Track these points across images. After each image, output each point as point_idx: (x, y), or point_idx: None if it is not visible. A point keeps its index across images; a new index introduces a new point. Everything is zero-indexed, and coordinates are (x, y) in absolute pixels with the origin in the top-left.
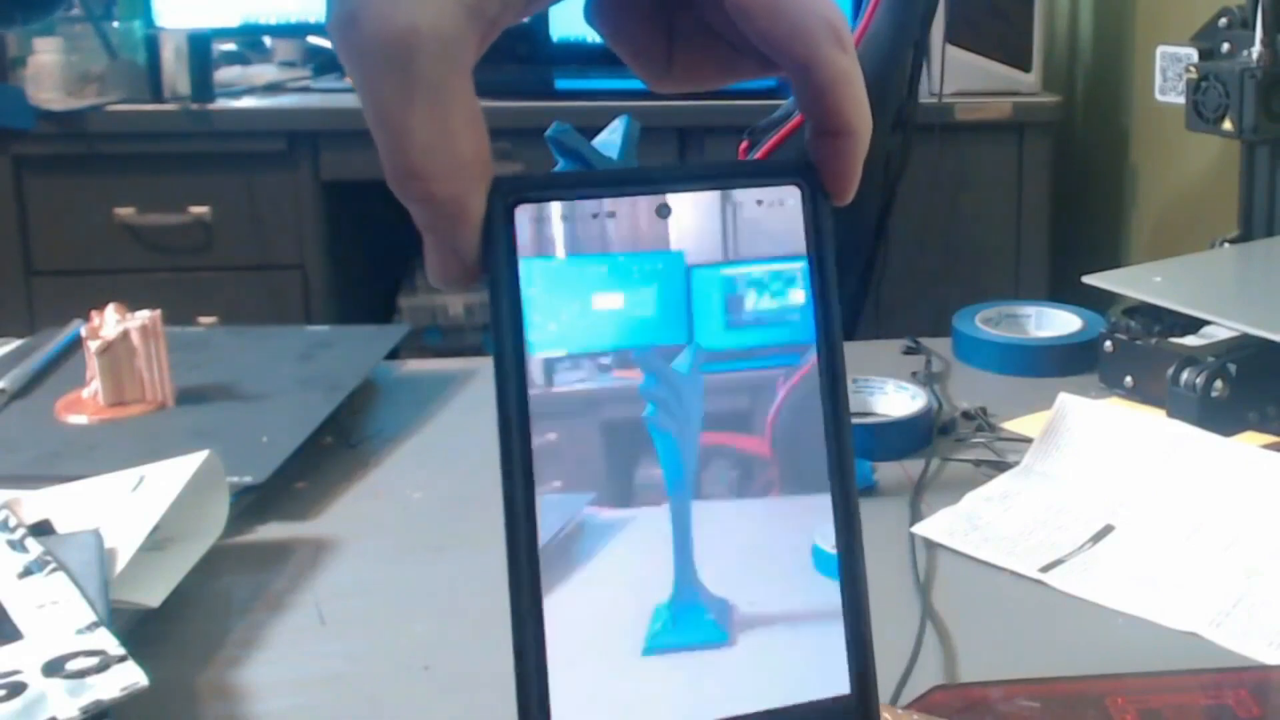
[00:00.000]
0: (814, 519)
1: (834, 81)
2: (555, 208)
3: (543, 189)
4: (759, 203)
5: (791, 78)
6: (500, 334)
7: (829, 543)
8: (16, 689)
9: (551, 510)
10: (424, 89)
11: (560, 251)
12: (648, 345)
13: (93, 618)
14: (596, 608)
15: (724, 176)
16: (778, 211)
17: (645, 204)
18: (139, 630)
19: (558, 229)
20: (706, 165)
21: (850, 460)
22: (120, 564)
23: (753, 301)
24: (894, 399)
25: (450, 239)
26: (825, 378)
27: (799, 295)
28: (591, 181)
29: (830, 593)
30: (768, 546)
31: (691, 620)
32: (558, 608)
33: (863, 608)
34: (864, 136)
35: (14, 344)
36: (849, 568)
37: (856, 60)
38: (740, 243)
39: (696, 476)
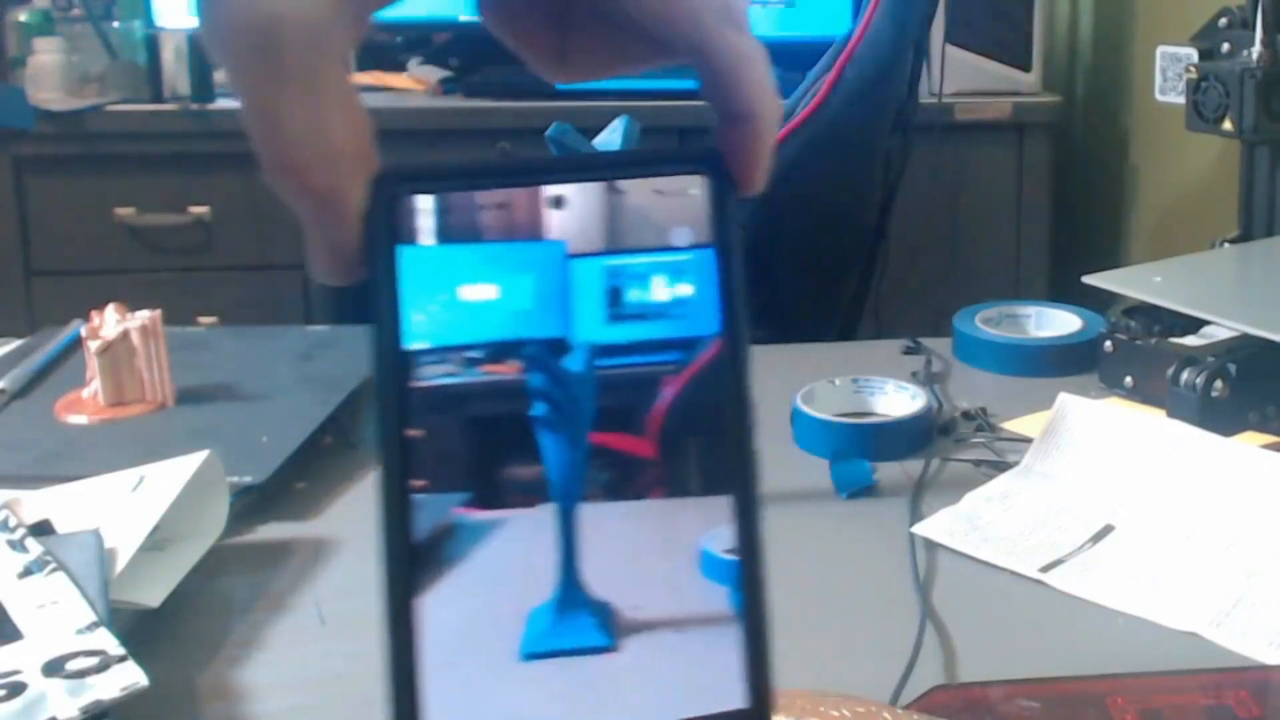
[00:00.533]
0: (703, 522)
1: (732, 64)
2: (441, 200)
3: (428, 180)
4: (658, 192)
5: (690, 62)
6: (379, 330)
7: (719, 546)
8: (16, 689)
9: (426, 509)
10: (293, 79)
11: (436, 242)
12: (524, 338)
13: (93, 618)
14: (472, 610)
15: (626, 166)
16: (673, 200)
17: (538, 195)
18: (139, 630)
19: (440, 221)
20: (607, 155)
21: (753, 461)
22: (120, 564)
23: (637, 294)
24: (894, 399)
25: (328, 232)
26: (730, 374)
27: (688, 289)
28: (482, 172)
29: (720, 599)
30: (652, 550)
31: (573, 624)
32: (431, 609)
33: (763, 618)
34: (769, 121)
35: (14, 344)
36: (750, 575)
37: (757, 41)
38: (627, 233)
39: (584, 478)
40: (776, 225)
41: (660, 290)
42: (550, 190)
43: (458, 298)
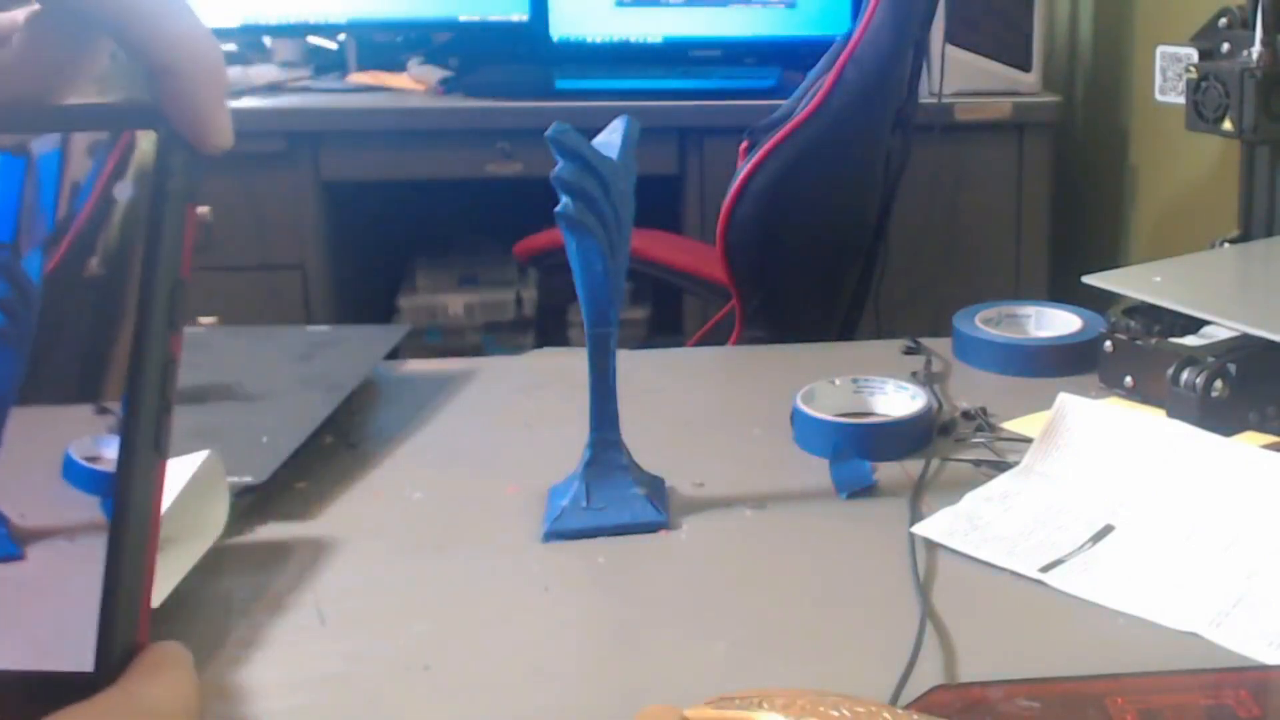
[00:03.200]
0: (78, 428)
1: (120, 19)
2: None
3: None
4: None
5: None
6: None
7: (81, 452)
8: None
9: None
10: None
11: None
12: None
13: None
14: None
15: (76, 119)
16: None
17: None
18: None
19: None
20: (57, 109)
21: (152, 373)
22: None
23: None
24: (894, 399)
25: None
26: (144, 307)
27: None
28: None
29: (90, 508)
30: (26, 456)
31: None
32: None
33: (130, 558)
34: (193, 75)
35: None
36: (124, 510)
37: None
38: None
39: (17, 390)
40: (776, 225)
41: None
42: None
43: None
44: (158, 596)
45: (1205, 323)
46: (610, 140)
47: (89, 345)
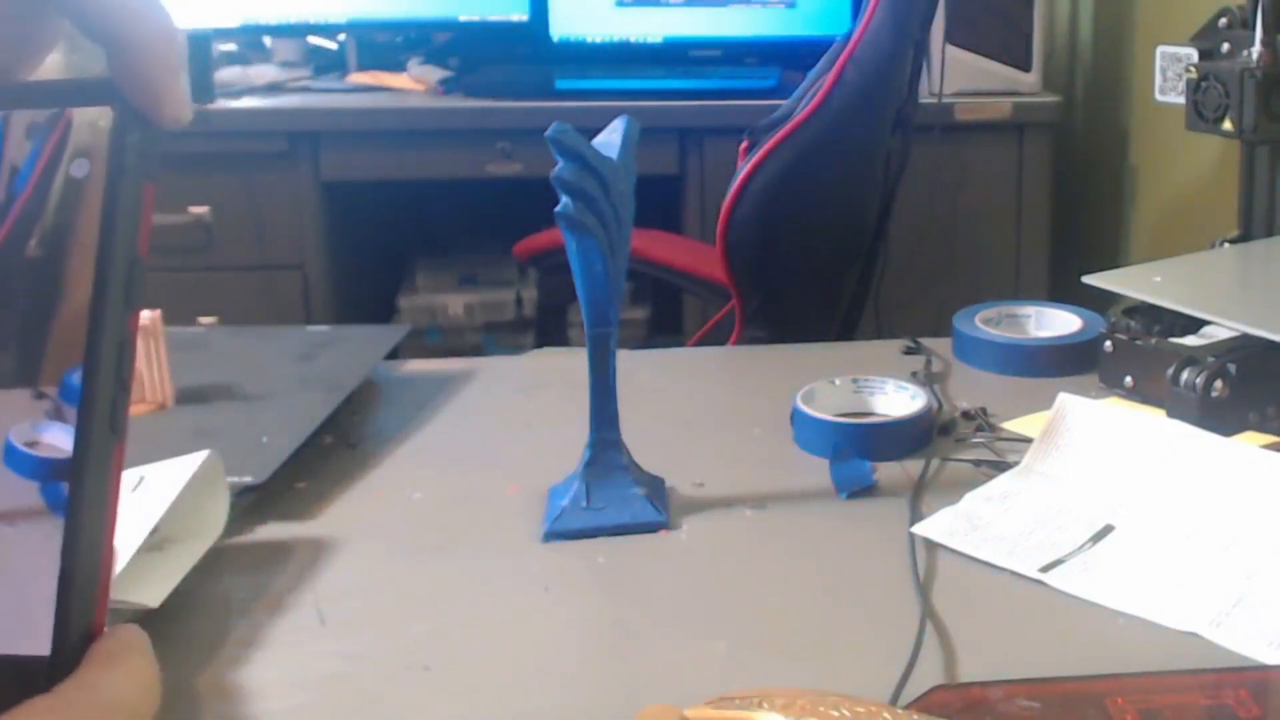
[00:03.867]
0: (18, 413)
1: None
2: None
3: None
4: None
5: None
6: None
7: (21, 438)
8: None
9: None
10: None
11: None
12: None
13: None
14: None
15: (32, 97)
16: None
17: None
18: None
19: None
20: (13, 86)
21: (109, 353)
22: (120, 564)
23: None
24: (894, 399)
25: None
26: (101, 286)
27: None
28: None
29: (29, 494)
30: None
31: None
32: None
33: (87, 542)
34: (148, 50)
35: None
36: (81, 492)
37: None
38: None
39: None
40: (777, 225)
41: None
42: None
43: None
44: (158, 596)
45: (1205, 323)
46: (610, 140)
47: (35, 327)
